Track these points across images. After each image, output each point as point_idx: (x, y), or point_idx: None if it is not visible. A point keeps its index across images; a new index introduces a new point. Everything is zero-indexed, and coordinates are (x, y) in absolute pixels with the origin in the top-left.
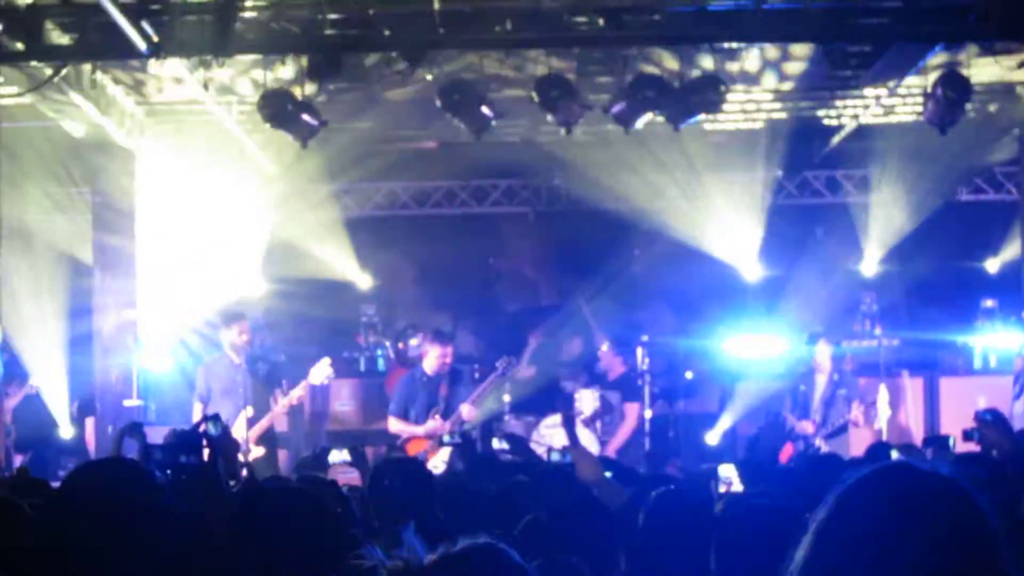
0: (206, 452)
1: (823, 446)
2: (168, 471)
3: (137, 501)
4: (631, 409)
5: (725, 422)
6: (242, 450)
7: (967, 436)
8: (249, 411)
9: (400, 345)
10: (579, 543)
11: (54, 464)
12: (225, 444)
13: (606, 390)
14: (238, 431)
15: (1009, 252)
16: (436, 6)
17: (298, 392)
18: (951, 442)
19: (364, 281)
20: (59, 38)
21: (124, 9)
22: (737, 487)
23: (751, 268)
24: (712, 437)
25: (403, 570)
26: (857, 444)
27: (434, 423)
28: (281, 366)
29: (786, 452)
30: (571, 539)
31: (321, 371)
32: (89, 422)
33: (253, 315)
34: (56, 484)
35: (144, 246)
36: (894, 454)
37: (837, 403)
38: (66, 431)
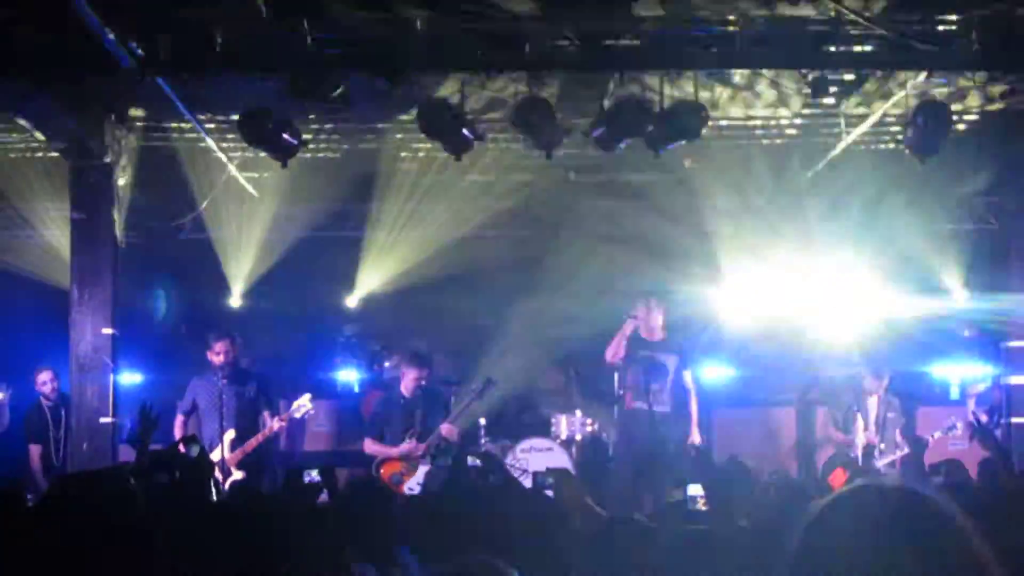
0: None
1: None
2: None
3: (113, 517)
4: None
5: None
6: (222, 472)
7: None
8: (231, 433)
9: (376, 366)
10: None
11: None
12: (199, 465)
13: (654, 352)
14: (220, 452)
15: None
16: (418, 26)
17: (277, 424)
18: None
19: (348, 300)
20: (41, 53)
21: (108, 26)
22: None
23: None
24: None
25: None
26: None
27: (409, 445)
28: (267, 392)
29: (837, 477)
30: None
31: (302, 406)
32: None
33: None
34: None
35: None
36: None
37: (888, 425)
38: None
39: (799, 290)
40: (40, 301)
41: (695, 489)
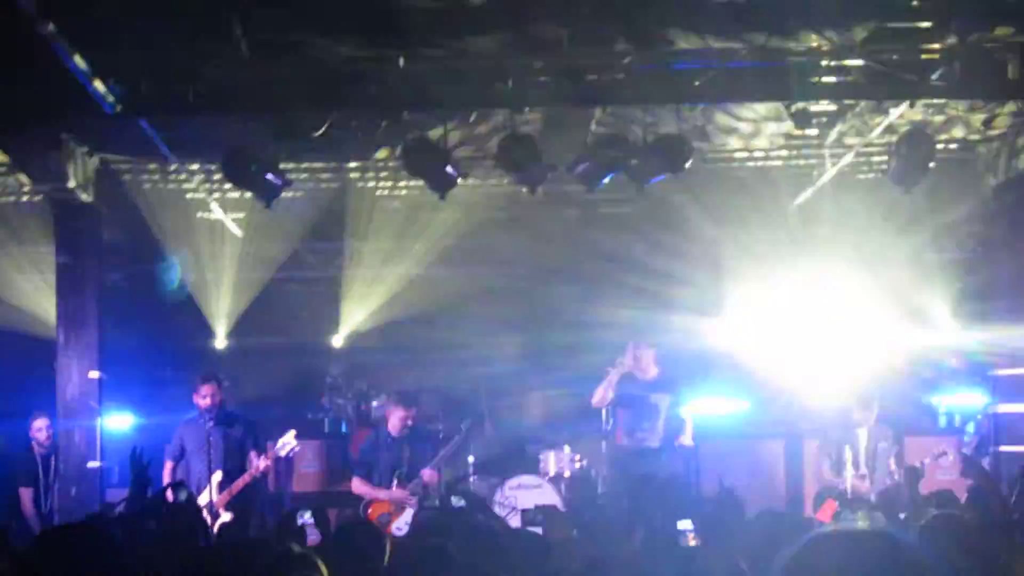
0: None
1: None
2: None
3: (100, 566)
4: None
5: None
6: (210, 514)
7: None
8: (218, 476)
9: (363, 406)
10: None
11: None
12: (186, 510)
13: (645, 392)
14: (208, 494)
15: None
16: (400, 64)
17: (263, 463)
18: None
19: (335, 341)
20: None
21: (88, 67)
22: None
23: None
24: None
25: None
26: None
27: (399, 492)
28: (254, 434)
29: (826, 510)
30: None
31: (287, 444)
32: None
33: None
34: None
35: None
36: None
37: (880, 455)
38: None
39: (787, 322)
40: (26, 344)
41: (684, 524)
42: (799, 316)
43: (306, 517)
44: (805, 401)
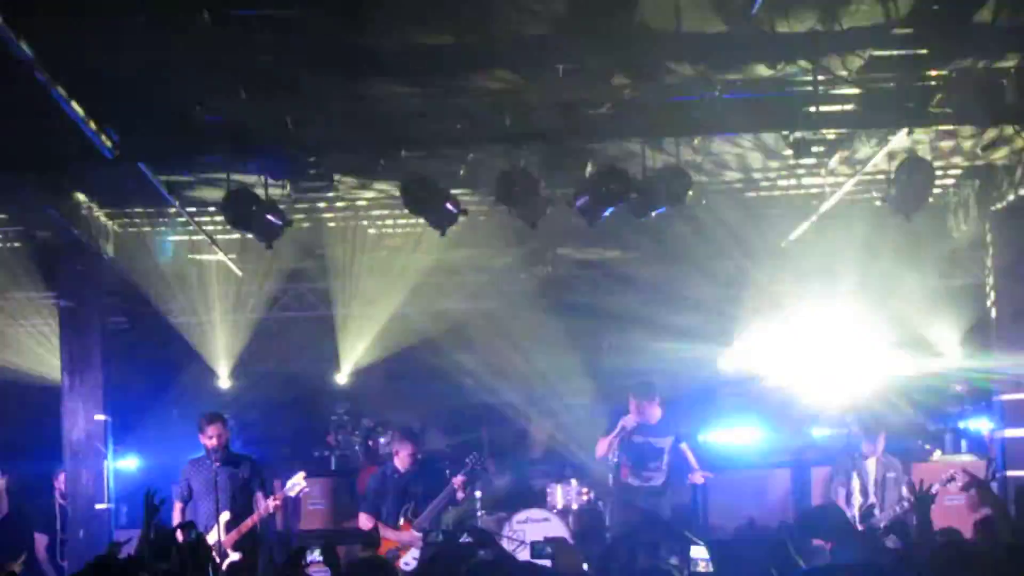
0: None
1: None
2: None
3: None
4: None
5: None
6: (218, 554)
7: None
8: (226, 515)
9: (370, 443)
10: None
11: None
12: (196, 551)
13: (647, 436)
14: (216, 534)
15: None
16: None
17: (272, 503)
18: None
19: (339, 379)
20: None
21: (86, 113)
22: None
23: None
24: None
25: None
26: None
27: (408, 534)
28: (264, 467)
29: None
30: None
31: (296, 484)
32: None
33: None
34: None
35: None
36: None
37: (889, 485)
38: None
39: (792, 350)
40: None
41: (698, 552)
42: (806, 346)
43: (315, 555)
44: (813, 430)
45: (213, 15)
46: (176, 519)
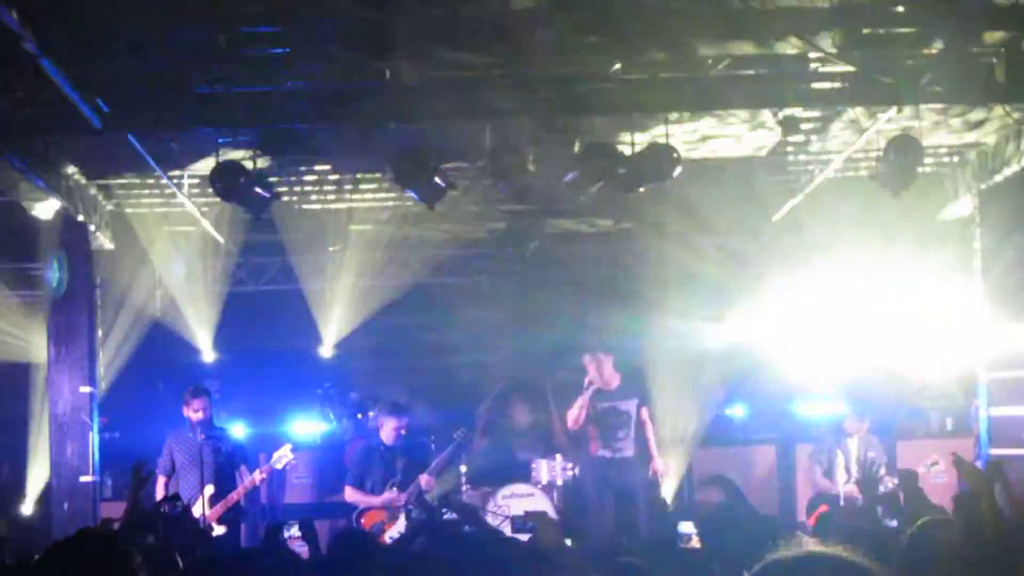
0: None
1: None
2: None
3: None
4: (646, 415)
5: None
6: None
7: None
8: (210, 489)
9: (359, 416)
10: None
11: None
12: (183, 523)
13: (612, 401)
14: (200, 508)
15: None
16: (387, 76)
17: (258, 476)
18: None
19: (324, 351)
20: (8, 113)
21: (75, 82)
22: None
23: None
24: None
25: None
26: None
27: (391, 494)
28: (243, 447)
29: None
30: None
31: (283, 457)
32: None
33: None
34: None
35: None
36: None
37: (869, 464)
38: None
39: (780, 327)
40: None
41: (686, 526)
42: (792, 321)
43: (292, 531)
44: (798, 407)
45: None
46: (159, 493)
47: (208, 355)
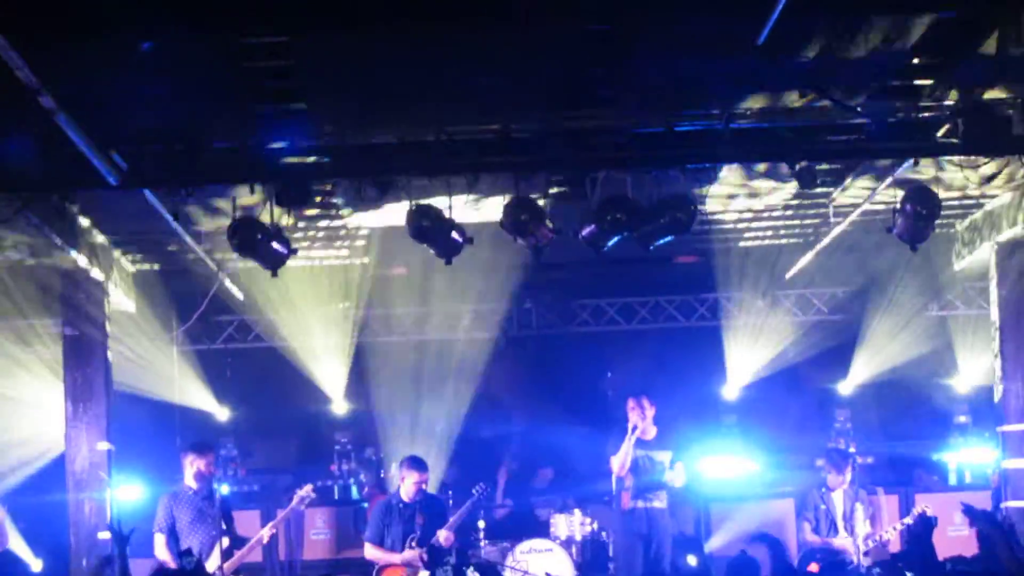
0: None
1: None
2: None
3: None
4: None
5: (715, 542)
6: None
7: None
8: (225, 542)
9: (381, 473)
10: None
11: None
12: None
13: (647, 451)
14: (213, 562)
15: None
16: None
17: (269, 532)
18: None
19: (339, 407)
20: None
21: (92, 139)
22: None
23: (728, 387)
24: (693, 559)
25: None
26: None
27: (412, 552)
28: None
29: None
30: None
31: (306, 496)
32: None
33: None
34: None
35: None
36: None
37: (857, 518)
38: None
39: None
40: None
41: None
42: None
43: None
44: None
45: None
46: (160, 551)
47: (223, 413)
